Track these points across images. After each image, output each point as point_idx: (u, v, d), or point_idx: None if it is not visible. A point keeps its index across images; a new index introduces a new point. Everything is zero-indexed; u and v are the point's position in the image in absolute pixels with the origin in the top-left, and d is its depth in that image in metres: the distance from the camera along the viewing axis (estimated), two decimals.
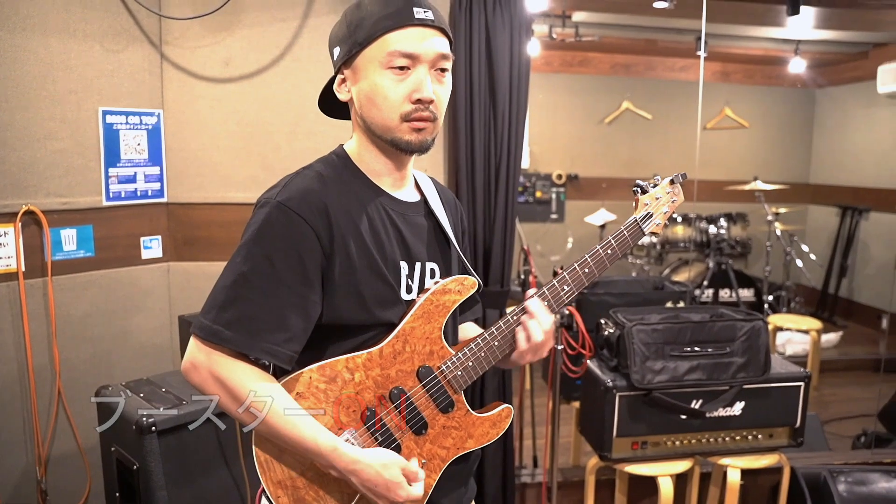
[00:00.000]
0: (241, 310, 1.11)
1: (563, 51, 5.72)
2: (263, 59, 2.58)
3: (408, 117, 1.16)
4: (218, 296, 1.12)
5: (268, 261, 1.11)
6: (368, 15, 1.15)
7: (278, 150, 2.62)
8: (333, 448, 1.12)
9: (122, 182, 2.52)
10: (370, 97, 1.17)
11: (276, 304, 1.12)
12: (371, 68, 1.15)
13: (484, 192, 2.64)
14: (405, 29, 1.13)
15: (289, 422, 1.11)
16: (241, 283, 1.11)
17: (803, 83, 6.10)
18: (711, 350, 2.45)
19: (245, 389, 1.11)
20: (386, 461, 1.15)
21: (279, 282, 1.12)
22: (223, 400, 1.13)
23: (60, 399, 2.39)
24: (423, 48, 1.14)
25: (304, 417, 1.13)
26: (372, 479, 1.13)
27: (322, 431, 1.13)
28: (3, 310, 2.26)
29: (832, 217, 5.99)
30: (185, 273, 2.69)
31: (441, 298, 1.25)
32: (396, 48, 1.13)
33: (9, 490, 2.30)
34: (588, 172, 5.99)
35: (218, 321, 1.10)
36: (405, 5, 1.14)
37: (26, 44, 2.23)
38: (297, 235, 1.12)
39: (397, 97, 1.15)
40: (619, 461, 2.47)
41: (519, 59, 2.59)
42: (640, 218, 1.35)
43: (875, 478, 2.77)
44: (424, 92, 1.15)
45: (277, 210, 1.12)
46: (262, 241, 1.12)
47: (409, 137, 1.17)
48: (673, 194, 1.38)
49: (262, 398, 1.11)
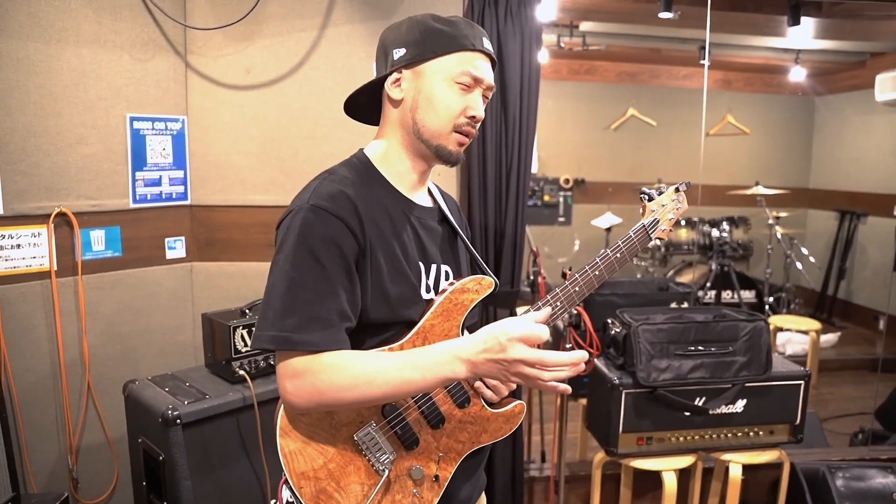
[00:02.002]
0: (304, 313, 1.12)
1: (571, 59, 5.79)
2: (283, 67, 2.65)
3: (459, 129, 1.26)
4: (276, 306, 1.13)
5: (315, 261, 1.14)
6: (446, 31, 1.24)
7: (296, 155, 2.69)
8: (454, 358, 1.12)
9: (147, 185, 2.60)
10: (431, 101, 1.24)
11: (334, 301, 1.14)
12: (439, 77, 1.24)
13: (495, 196, 2.70)
14: (476, 53, 1.25)
15: (402, 379, 1.12)
16: (297, 288, 1.13)
17: (803, 91, 6.15)
18: (714, 349, 2.51)
19: (351, 381, 1.12)
20: (490, 342, 1.11)
21: (330, 279, 1.14)
22: (340, 398, 1.13)
23: (90, 392, 2.47)
24: (485, 75, 1.26)
25: (409, 368, 1.13)
26: (494, 371, 1.13)
27: (430, 357, 1.13)
28: (37, 307, 2.33)
29: (831, 221, 6.04)
30: (208, 273, 2.75)
31: (460, 297, 1.28)
32: (470, 69, 1.24)
33: (43, 478, 2.38)
34: (594, 177, 6.06)
35: (284, 328, 1.12)
36: (479, 34, 1.26)
37: (60, 54, 2.31)
38: (336, 232, 1.15)
39: (457, 108, 1.24)
40: (625, 456, 2.52)
41: (529, 67, 2.65)
42: (647, 224, 1.41)
43: (872, 473, 2.83)
44: (479, 111, 1.26)
45: (312, 213, 1.15)
46: (305, 244, 1.14)
47: (452, 148, 1.27)
48: (678, 202, 1.44)
49: (369, 376, 1.12)
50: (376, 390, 1.13)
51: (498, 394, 1.34)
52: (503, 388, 1.33)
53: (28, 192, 2.29)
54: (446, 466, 1.29)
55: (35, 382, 2.35)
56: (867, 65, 5.48)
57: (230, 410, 2.14)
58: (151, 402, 2.09)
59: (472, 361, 1.12)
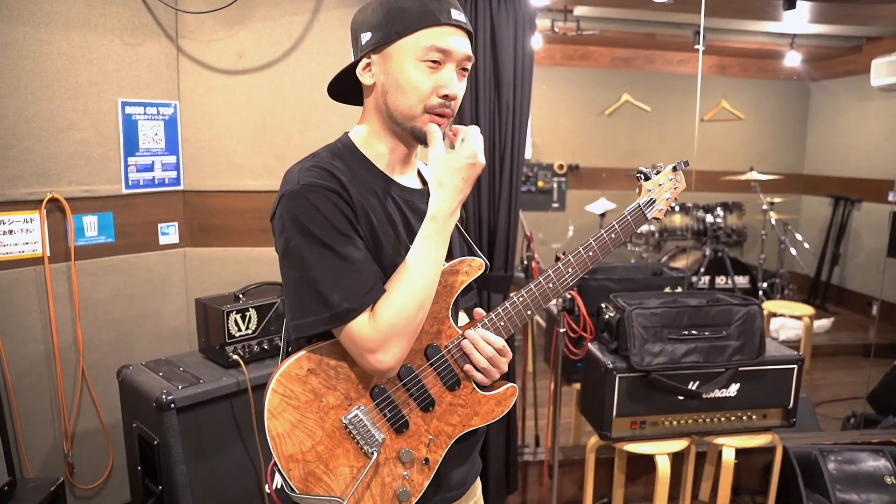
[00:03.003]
0: (343, 283, 1.14)
1: (565, 44, 5.77)
2: (275, 51, 2.64)
3: (431, 110, 1.21)
4: (313, 291, 1.14)
5: (336, 232, 1.14)
6: (409, 7, 1.19)
7: (290, 140, 2.68)
8: (433, 217, 1.21)
9: (140, 171, 2.59)
10: (399, 84, 1.21)
11: (362, 260, 1.16)
12: (405, 58, 1.20)
13: (489, 181, 2.69)
14: (443, 27, 1.19)
15: (428, 263, 1.19)
16: (326, 265, 1.14)
17: (798, 76, 6.14)
18: (708, 333, 2.51)
19: (405, 310, 1.16)
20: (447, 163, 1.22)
21: (355, 242, 1.16)
22: (410, 306, 1.17)
23: (84, 378, 2.47)
24: (456, 47, 1.20)
25: (426, 255, 1.20)
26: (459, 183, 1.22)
27: (421, 238, 1.21)
28: (30, 293, 2.33)
29: (825, 207, 6.05)
30: (201, 258, 2.75)
31: (449, 279, 1.26)
32: (435, 43, 1.18)
33: (39, 463, 2.39)
34: (589, 163, 6.04)
35: (336, 307, 1.13)
36: (445, 5, 1.20)
37: (50, 38, 2.29)
38: (335, 201, 1.15)
39: (426, 89, 1.20)
40: (619, 440, 2.54)
41: (523, 52, 2.64)
42: (643, 203, 1.38)
43: (863, 457, 2.85)
44: (451, 88, 1.21)
45: (309, 191, 1.14)
46: (312, 222, 1.13)
47: (427, 129, 1.23)
48: (675, 181, 1.40)
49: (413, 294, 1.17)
50: (428, 273, 1.20)
51: (489, 377, 1.33)
52: (494, 372, 1.31)
53: (19, 178, 2.28)
54: (437, 449, 1.28)
55: (29, 368, 2.35)
56: (863, 50, 5.45)
57: (224, 395, 2.15)
58: (145, 387, 2.10)
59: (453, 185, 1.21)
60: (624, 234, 1.36)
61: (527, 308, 1.31)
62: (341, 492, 1.21)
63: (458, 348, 1.28)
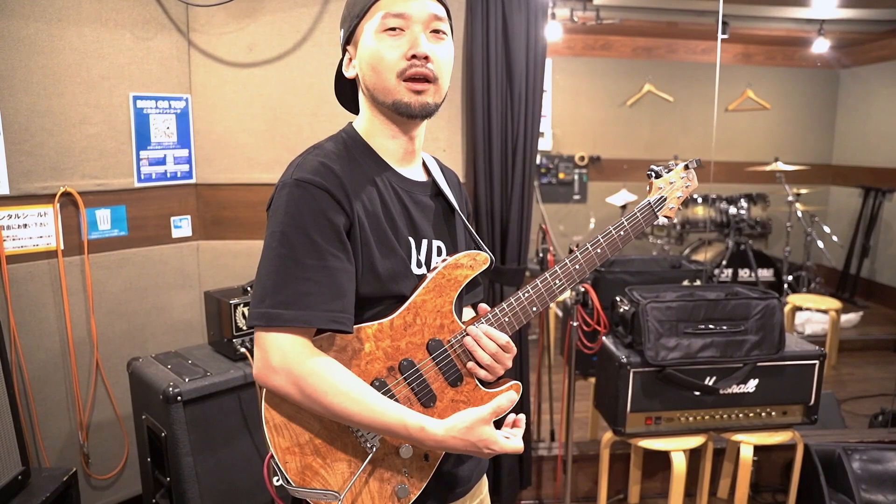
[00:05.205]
0: (295, 289, 1.10)
1: (585, 34, 5.68)
2: (286, 44, 2.64)
3: (404, 75, 1.18)
4: (266, 284, 1.11)
5: (305, 236, 1.12)
6: None
7: (301, 133, 2.67)
8: (421, 428, 1.14)
9: (152, 164, 2.60)
10: (370, 63, 1.20)
11: (327, 274, 1.12)
12: (368, 36, 1.19)
13: (501, 172, 2.67)
14: None
15: (375, 412, 1.13)
16: (287, 264, 1.11)
17: (827, 64, 5.99)
18: (725, 328, 2.46)
19: (326, 392, 1.11)
20: (468, 423, 1.15)
21: (322, 252, 1.12)
22: (305, 403, 1.13)
23: (98, 370, 2.50)
24: (413, 8, 1.18)
25: (388, 405, 1.14)
26: (464, 448, 1.16)
27: (408, 414, 1.14)
28: (45, 286, 2.36)
29: (854, 198, 5.88)
30: (214, 251, 2.77)
31: (453, 273, 1.25)
32: (388, 10, 1.17)
33: (55, 453, 2.42)
34: (610, 154, 5.96)
35: (275, 306, 1.10)
36: None
37: (62, 33, 2.31)
38: (323, 204, 1.13)
39: (393, 56, 1.17)
40: (633, 436, 2.50)
41: (535, 41, 2.60)
42: (653, 201, 1.36)
43: (891, 456, 2.75)
44: (419, 47, 1.17)
45: (297, 187, 1.13)
46: (293, 219, 1.12)
47: (408, 99, 1.19)
48: (687, 179, 1.38)
49: (347, 399, 1.12)
50: (350, 405, 1.13)
51: (493, 374, 1.30)
52: (498, 369, 1.29)
53: (33, 172, 2.30)
54: None
55: (45, 360, 2.38)
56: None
57: (231, 388, 2.15)
58: (153, 380, 2.11)
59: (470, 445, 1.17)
60: (634, 233, 1.34)
61: (532, 304, 1.29)
62: (338, 486, 1.19)
63: (461, 343, 1.26)
